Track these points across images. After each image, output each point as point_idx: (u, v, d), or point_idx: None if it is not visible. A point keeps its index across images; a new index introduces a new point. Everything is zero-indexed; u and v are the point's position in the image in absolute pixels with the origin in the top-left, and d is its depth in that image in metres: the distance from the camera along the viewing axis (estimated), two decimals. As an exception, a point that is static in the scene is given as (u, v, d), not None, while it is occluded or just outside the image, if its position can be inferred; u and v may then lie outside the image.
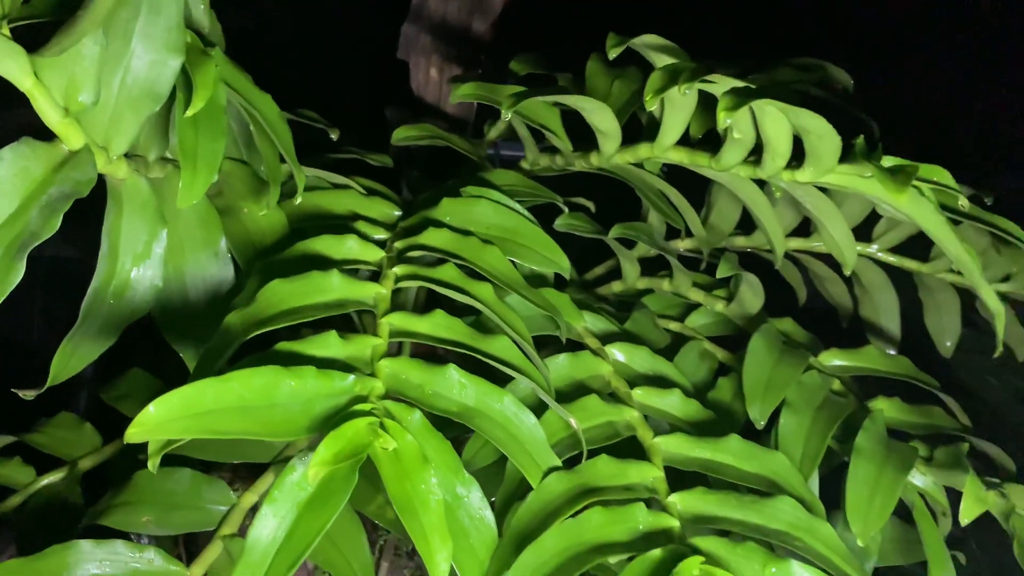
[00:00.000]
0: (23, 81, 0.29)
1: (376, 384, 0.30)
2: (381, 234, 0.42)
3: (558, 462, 0.31)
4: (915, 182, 0.31)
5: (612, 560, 0.27)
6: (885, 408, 0.41)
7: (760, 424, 0.39)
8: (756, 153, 0.37)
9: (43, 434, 0.53)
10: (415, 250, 0.39)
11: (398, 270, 0.37)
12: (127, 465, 0.43)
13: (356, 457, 0.27)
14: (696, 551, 0.26)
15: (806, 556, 0.28)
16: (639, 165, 0.48)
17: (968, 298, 0.59)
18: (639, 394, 0.38)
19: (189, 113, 0.33)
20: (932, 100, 0.88)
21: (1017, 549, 0.33)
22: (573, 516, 0.29)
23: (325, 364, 0.30)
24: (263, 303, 0.32)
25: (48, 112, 0.30)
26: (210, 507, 0.40)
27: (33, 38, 0.29)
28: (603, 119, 0.43)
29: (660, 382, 0.40)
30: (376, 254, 0.39)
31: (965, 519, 0.33)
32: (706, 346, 0.48)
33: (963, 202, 0.32)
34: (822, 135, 0.31)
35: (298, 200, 0.38)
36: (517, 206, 0.43)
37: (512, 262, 0.40)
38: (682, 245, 0.60)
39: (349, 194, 0.46)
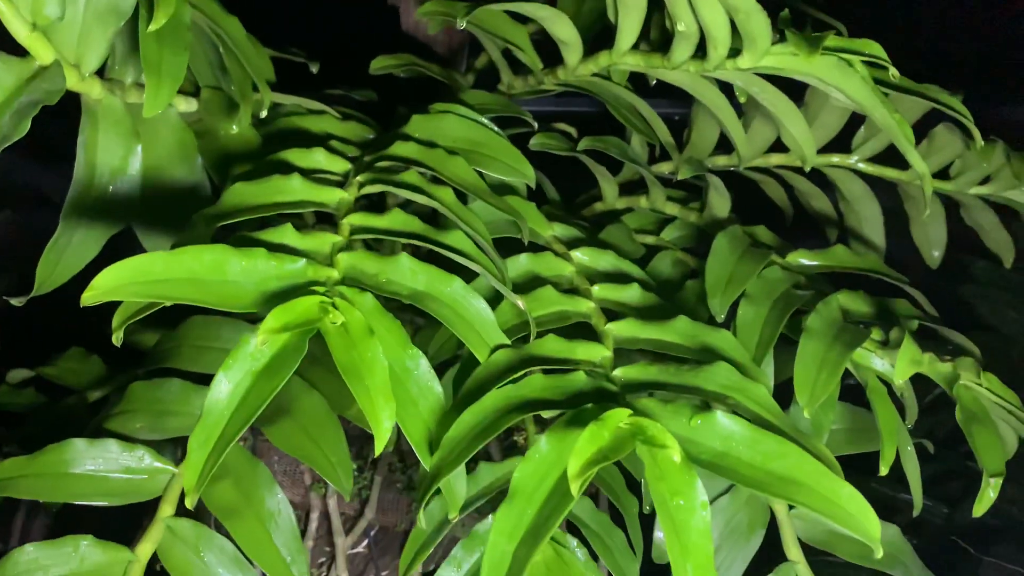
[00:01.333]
0: (-10, -4, 0.31)
1: (331, 272, 0.32)
2: (352, 151, 0.44)
3: (507, 340, 0.33)
4: (846, 55, 0.32)
5: (547, 415, 0.29)
6: (843, 298, 0.42)
7: (720, 317, 0.40)
8: (704, 49, 0.38)
9: (55, 367, 0.56)
10: (382, 160, 0.41)
11: (361, 177, 0.39)
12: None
13: (304, 328, 0.29)
14: (628, 406, 0.28)
15: (739, 413, 0.29)
16: (607, 78, 0.49)
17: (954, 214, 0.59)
18: (598, 289, 0.40)
19: (152, 28, 0.34)
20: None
21: (959, 414, 0.33)
22: (514, 382, 0.30)
23: (283, 251, 0.32)
24: (226, 202, 0.34)
25: (16, 26, 0.32)
26: (199, 413, 0.42)
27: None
28: (562, 28, 0.44)
29: (622, 278, 0.41)
30: (343, 165, 0.40)
31: (899, 379, 0.34)
32: (678, 255, 0.49)
33: (893, 72, 0.32)
34: (750, 12, 0.31)
35: (263, 114, 0.40)
36: (485, 120, 0.45)
37: (479, 173, 0.42)
38: (665, 168, 0.61)
39: (325, 119, 0.47)
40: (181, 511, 0.39)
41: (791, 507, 0.41)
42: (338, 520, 0.48)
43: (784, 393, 0.35)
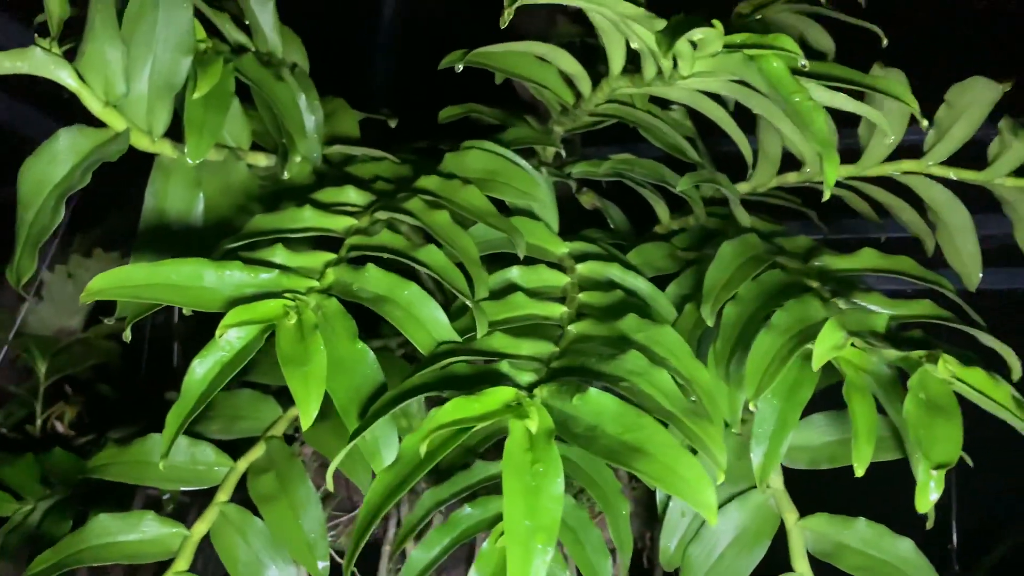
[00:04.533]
0: (72, 84, 0.41)
1: (311, 281, 0.37)
2: (388, 187, 0.50)
3: (457, 338, 0.36)
4: (753, 51, 0.32)
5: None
6: (857, 302, 0.40)
7: (709, 321, 0.40)
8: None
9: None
10: (407, 192, 0.46)
11: (377, 207, 0.45)
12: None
13: (260, 325, 0.34)
14: (518, 387, 0.30)
15: (637, 397, 0.30)
16: (632, 105, 0.51)
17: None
18: (583, 296, 0.42)
19: (197, 96, 0.43)
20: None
21: (909, 403, 0.31)
22: (443, 368, 0.33)
23: (269, 266, 0.38)
24: (245, 230, 0.41)
25: (91, 103, 0.42)
26: (263, 417, 0.49)
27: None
28: (565, 62, 0.47)
29: (611, 287, 0.43)
30: (368, 198, 0.46)
31: (815, 365, 0.32)
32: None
33: (803, 63, 0.32)
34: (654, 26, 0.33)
35: (297, 159, 0.47)
36: (505, 152, 0.49)
37: (492, 198, 0.46)
38: (744, 187, 0.61)
39: (383, 163, 0.54)
40: (234, 498, 0.45)
41: (798, 518, 0.40)
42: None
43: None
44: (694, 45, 0.34)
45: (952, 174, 0.53)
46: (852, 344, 0.32)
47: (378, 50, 1.06)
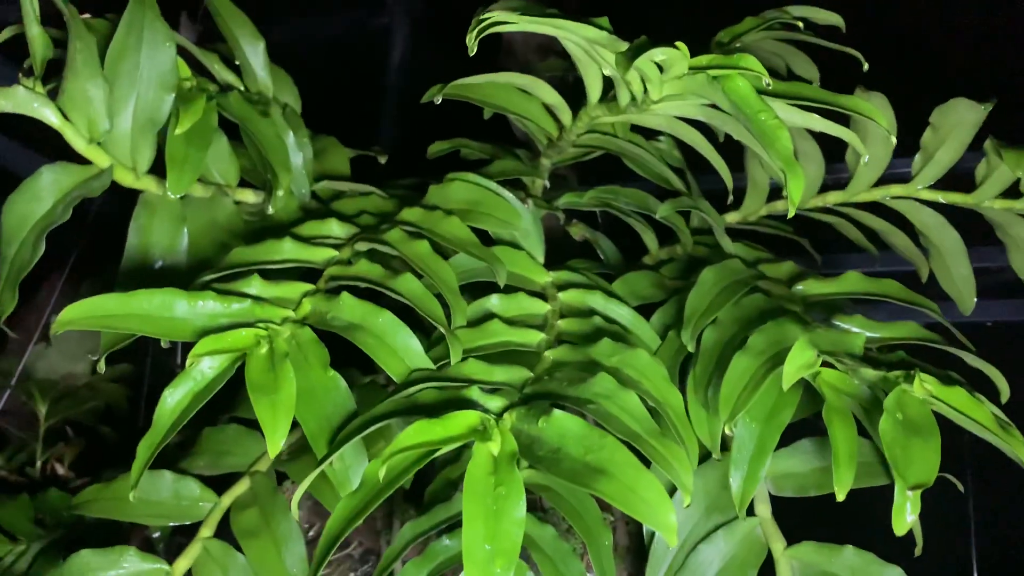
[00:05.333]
0: (55, 121, 0.42)
1: (285, 311, 0.38)
2: (371, 220, 0.50)
3: (431, 365, 0.36)
4: (717, 71, 0.32)
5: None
6: (839, 324, 0.40)
7: (690, 346, 0.40)
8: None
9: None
10: (390, 224, 0.47)
11: (362, 238, 0.45)
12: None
13: (233, 354, 0.34)
14: (485, 411, 0.30)
15: (604, 419, 0.30)
16: (614, 135, 0.51)
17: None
18: (562, 323, 0.41)
19: (178, 131, 0.44)
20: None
21: (884, 422, 0.30)
22: (412, 395, 0.33)
23: (250, 298, 0.38)
24: (225, 261, 0.41)
25: (76, 141, 0.43)
26: (249, 452, 0.49)
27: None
28: (545, 93, 0.47)
29: (590, 314, 0.42)
30: (350, 231, 0.47)
31: (785, 384, 0.31)
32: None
33: (767, 81, 0.32)
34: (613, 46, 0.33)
35: (280, 193, 0.47)
36: (487, 183, 0.49)
37: (475, 229, 0.46)
38: (731, 218, 0.60)
39: (370, 198, 0.54)
40: (217, 535, 0.45)
41: (786, 547, 0.39)
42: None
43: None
44: (660, 68, 0.35)
45: (941, 197, 0.52)
46: (824, 364, 0.32)
47: (386, 92, 1.08)
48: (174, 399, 0.34)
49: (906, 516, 0.28)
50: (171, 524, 0.46)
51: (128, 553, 0.43)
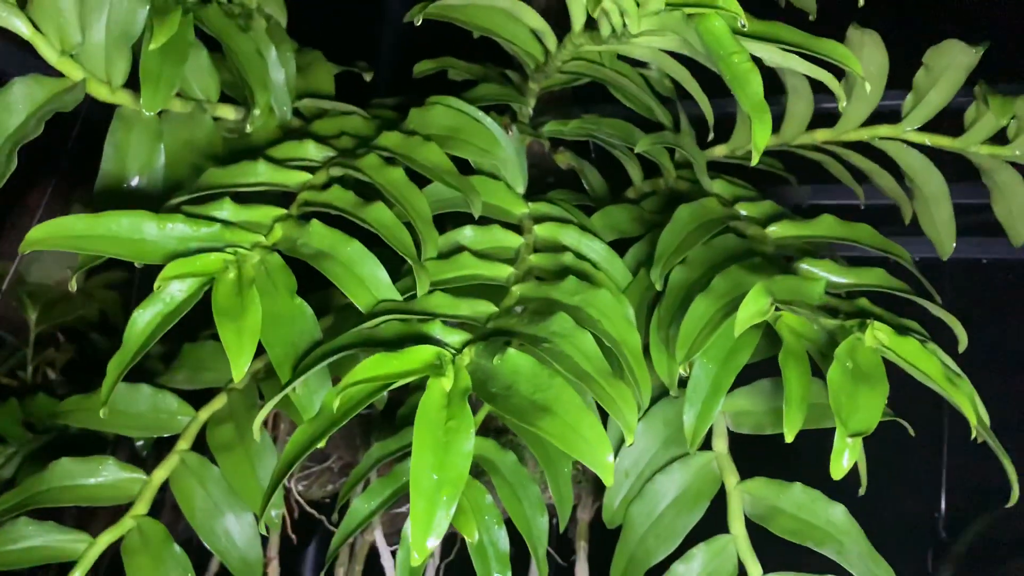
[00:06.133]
0: (25, 32, 0.41)
1: (256, 236, 0.38)
2: (350, 143, 0.50)
3: (398, 297, 0.36)
4: (693, 9, 0.31)
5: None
6: (806, 267, 0.40)
7: (658, 285, 0.40)
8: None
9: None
10: (364, 149, 0.46)
11: (336, 163, 0.45)
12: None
13: (200, 278, 0.35)
14: (443, 345, 0.30)
15: (556, 359, 0.30)
16: (601, 64, 0.50)
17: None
18: (533, 257, 0.42)
19: (153, 47, 0.43)
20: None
21: (833, 371, 0.31)
22: (375, 326, 0.34)
23: (220, 222, 0.38)
24: (199, 183, 0.41)
25: (48, 53, 0.42)
26: (226, 369, 0.50)
27: None
28: (530, 18, 0.46)
29: (563, 250, 0.42)
30: (327, 154, 0.46)
31: (737, 330, 0.32)
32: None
33: (743, 21, 0.31)
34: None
35: (257, 112, 0.47)
36: (468, 108, 0.48)
37: (455, 157, 0.46)
38: (719, 151, 0.60)
39: (352, 118, 0.54)
40: (195, 448, 0.46)
41: (738, 481, 0.40)
42: None
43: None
44: (638, 2, 0.34)
45: (928, 140, 0.52)
46: (776, 311, 0.32)
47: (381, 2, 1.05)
48: (143, 320, 0.35)
49: (843, 462, 0.29)
50: (150, 436, 0.47)
51: (108, 462, 0.44)
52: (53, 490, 0.43)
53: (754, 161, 0.31)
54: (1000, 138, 0.50)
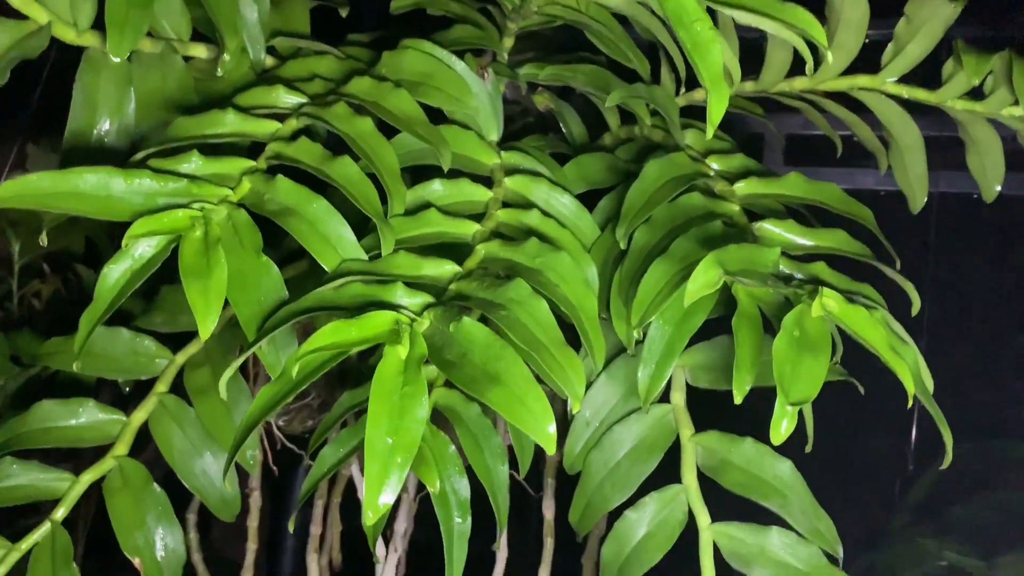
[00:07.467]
0: (-14, -25, 0.40)
1: (223, 191, 0.38)
2: (321, 88, 0.49)
3: (363, 256, 0.37)
4: None
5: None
6: (769, 227, 0.41)
7: (622, 244, 0.41)
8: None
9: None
10: (337, 96, 0.46)
11: (305, 112, 0.44)
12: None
13: (167, 236, 0.35)
14: (399, 310, 0.31)
15: (510, 327, 0.31)
16: (576, 8, 0.49)
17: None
18: (501, 213, 0.42)
19: (117, -11, 0.42)
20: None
21: (779, 340, 0.32)
22: (337, 288, 0.34)
23: (187, 177, 0.38)
24: (167, 135, 0.41)
25: (9, -4, 0.41)
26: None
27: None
28: (503, -42, 0.45)
29: (528, 206, 0.43)
30: (298, 100, 0.46)
31: (687, 300, 0.32)
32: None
33: None
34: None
35: (226, 57, 0.46)
36: (440, 53, 0.48)
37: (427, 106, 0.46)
38: (700, 96, 0.59)
39: (325, 59, 0.53)
40: (172, 390, 0.48)
41: (693, 433, 0.42)
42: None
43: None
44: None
45: (905, 93, 0.51)
46: (726, 282, 0.33)
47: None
48: (113, 277, 0.35)
49: (782, 429, 0.30)
50: (129, 379, 0.49)
51: (88, 404, 0.46)
52: (34, 431, 0.45)
53: (708, 136, 0.31)
54: (977, 93, 0.50)
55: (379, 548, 0.52)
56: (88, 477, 0.44)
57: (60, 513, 0.42)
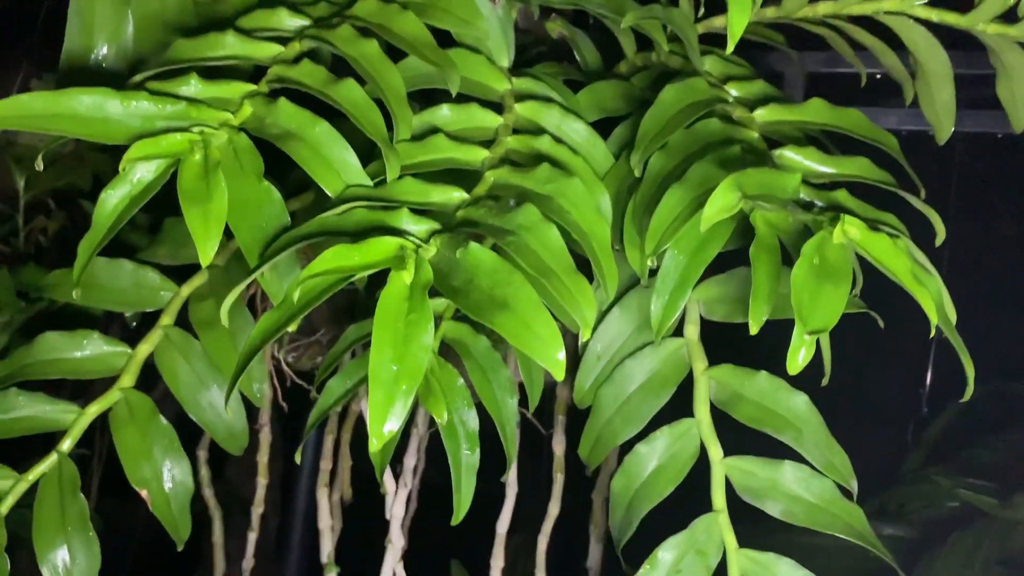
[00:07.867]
0: None
1: (223, 114, 0.37)
2: (326, 11, 0.47)
3: (368, 182, 0.36)
4: None
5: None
6: (789, 155, 0.39)
7: (636, 171, 0.39)
8: None
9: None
10: (338, 19, 0.44)
11: (308, 34, 0.43)
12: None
13: (166, 160, 0.34)
14: (402, 236, 0.30)
15: (519, 252, 0.30)
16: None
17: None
18: (512, 139, 0.41)
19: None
20: None
21: (799, 268, 0.31)
22: (341, 214, 0.33)
23: (186, 100, 0.37)
24: (167, 56, 0.40)
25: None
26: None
27: None
28: None
29: (540, 132, 0.41)
30: (301, 23, 0.44)
31: (703, 225, 0.31)
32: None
33: None
34: None
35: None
36: (449, -23, 0.46)
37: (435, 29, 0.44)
38: (719, 23, 0.57)
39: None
40: (178, 324, 0.47)
41: (706, 367, 0.41)
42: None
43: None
44: None
45: (934, 16, 0.49)
46: (743, 207, 0.31)
47: None
48: (111, 202, 0.34)
49: (799, 359, 0.29)
50: (133, 311, 0.48)
51: (92, 336, 0.45)
52: (39, 363, 0.44)
53: (728, 49, 0.30)
54: (1011, 16, 0.48)
55: (388, 481, 0.51)
56: (94, 409, 0.44)
57: (67, 445, 0.42)
